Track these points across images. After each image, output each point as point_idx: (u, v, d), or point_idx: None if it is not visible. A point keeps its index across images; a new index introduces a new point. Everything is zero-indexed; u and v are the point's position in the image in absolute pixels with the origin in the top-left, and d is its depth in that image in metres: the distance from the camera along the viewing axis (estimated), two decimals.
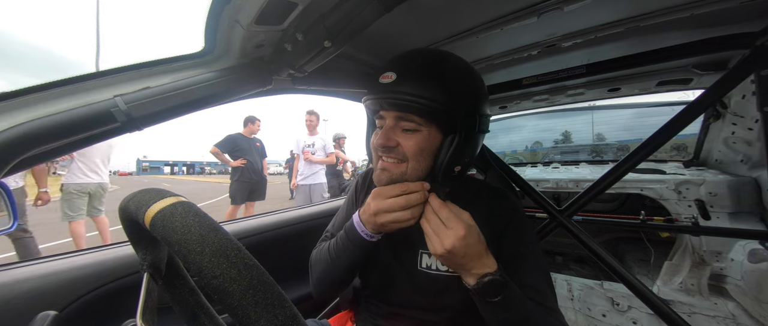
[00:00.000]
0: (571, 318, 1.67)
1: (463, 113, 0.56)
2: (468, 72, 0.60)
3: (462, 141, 0.57)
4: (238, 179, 3.85)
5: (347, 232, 0.64)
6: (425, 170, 0.59)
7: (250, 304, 0.25)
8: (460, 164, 0.61)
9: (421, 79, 0.55)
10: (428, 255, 0.67)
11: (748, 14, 0.77)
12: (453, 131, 0.57)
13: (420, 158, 0.58)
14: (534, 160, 2.99)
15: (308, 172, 3.86)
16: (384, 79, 0.57)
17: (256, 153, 4.00)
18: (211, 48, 0.64)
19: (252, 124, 3.99)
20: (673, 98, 2.14)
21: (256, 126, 4.03)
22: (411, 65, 0.58)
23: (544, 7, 0.70)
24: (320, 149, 3.90)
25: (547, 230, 1.26)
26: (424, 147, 0.58)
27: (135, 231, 0.40)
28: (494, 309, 0.54)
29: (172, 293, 0.46)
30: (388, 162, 0.60)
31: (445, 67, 0.57)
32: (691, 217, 1.39)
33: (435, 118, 0.57)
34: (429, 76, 0.55)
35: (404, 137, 0.59)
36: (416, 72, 0.56)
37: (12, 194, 0.61)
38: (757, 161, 1.33)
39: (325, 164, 4.03)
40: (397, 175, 0.59)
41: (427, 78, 0.55)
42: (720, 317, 1.38)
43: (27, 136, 0.48)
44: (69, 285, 0.70)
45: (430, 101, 0.53)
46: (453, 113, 0.55)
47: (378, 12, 0.54)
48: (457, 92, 0.56)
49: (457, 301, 0.65)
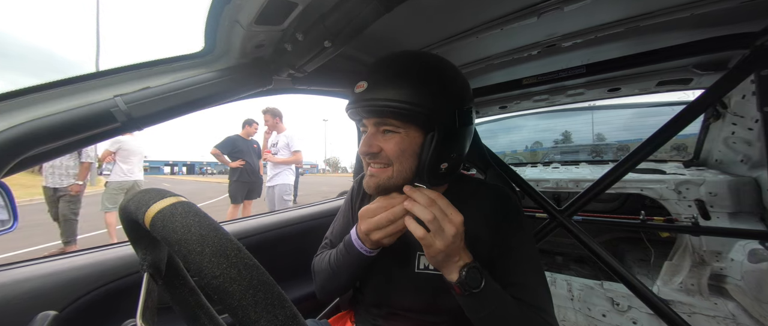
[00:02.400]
0: (571, 318, 1.67)
1: (438, 110, 0.56)
2: (441, 70, 0.60)
3: (442, 138, 0.57)
4: (236, 180, 3.91)
5: (346, 247, 0.65)
6: (410, 170, 0.60)
7: (250, 304, 0.25)
8: (447, 162, 0.60)
9: (390, 84, 0.56)
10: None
11: (748, 14, 0.77)
12: (433, 129, 0.57)
13: (403, 160, 0.59)
14: (534, 160, 2.99)
15: (272, 173, 3.59)
16: (358, 88, 0.58)
17: (254, 154, 4.07)
18: (211, 48, 0.64)
19: (249, 126, 4.08)
20: (673, 98, 2.14)
21: (254, 128, 4.11)
22: (381, 71, 0.58)
23: (544, 7, 0.70)
24: (284, 148, 3.54)
25: (547, 230, 1.26)
26: (405, 148, 0.58)
27: (135, 231, 0.40)
28: (476, 304, 0.55)
29: (172, 293, 0.46)
30: (375, 168, 0.62)
31: (415, 68, 0.58)
32: (691, 217, 1.39)
33: (411, 119, 0.57)
34: (398, 79, 0.56)
35: (384, 141, 0.60)
36: (386, 77, 0.57)
37: (12, 194, 0.61)
38: (757, 161, 1.33)
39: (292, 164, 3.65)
40: (384, 180, 0.60)
41: (397, 81, 0.56)
42: (720, 317, 1.38)
43: (27, 136, 0.48)
44: (69, 285, 0.70)
45: (402, 103, 0.54)
46: (428, 111, 0.55)
47: (378, 12, 0.54)
48: (429, 91, 0.56)
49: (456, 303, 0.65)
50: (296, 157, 3.58)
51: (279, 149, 3.54)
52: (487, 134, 3.20)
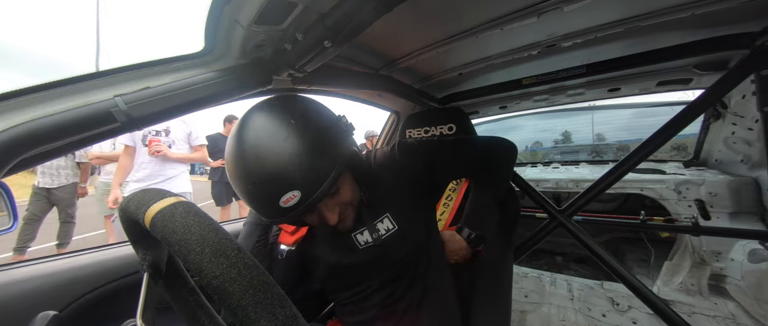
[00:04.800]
0: (571, 318, 1.67)
1: (332, 166, 0.58)
2: (316, 121, 0.61)
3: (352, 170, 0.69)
4: (219, 181, 3.64)
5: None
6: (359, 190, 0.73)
7: (250, 304, 0.25)
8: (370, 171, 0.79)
9: (316, 179, 0.56)
10: (361, 233, 0.74)
11: (748, 14, 0.77)
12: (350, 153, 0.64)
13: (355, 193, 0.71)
14: (534, 160, 2.99)
15: (155, 171, 2.24)
16: (286, 203, 0.55)
17: None
18: (211, 48, 0.64)
19: (230, 123, 3.71)
20: (673, 98, 2.14)
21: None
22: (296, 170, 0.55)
23: (544, 7, 0.70)
24: (181, 141, 2.35)
25: (547, 231, 1.26)
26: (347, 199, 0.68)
27: (135, 231, 0.40)
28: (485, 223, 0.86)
29: (172, 293, 0.46)
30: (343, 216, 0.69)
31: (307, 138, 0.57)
32: (691, 217, 1.39)
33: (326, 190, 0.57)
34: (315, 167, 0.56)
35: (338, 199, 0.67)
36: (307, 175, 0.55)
37: (12, 194, 0.61)
38: (757, 161, 1.33)
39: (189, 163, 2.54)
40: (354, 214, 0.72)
41: (316, 169, 0.56)
42: (720, 317, 1.38)
43: (27, 136, 0.47)
44: (69, 285, 0.70)
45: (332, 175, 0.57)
46: (326, 173, 0.57)
47: (378, 12, 0.54)
48: (312, 178, 0.55)
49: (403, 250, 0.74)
50: (199, 154, 2.50)
51: (173, 140, 2.30)
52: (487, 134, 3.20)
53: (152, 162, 2.22)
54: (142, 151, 2.22)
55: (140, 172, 2.22)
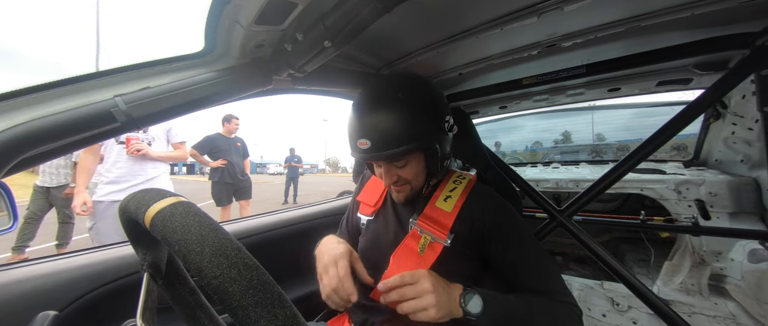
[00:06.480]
0: None
1: (430, 136, 0.67)
2: (423, 101, 0.67)
3: (439, 150, 0.69)
4: (218, 181, 3.65)
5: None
6: (423, 180, 0.74)
7: (250, 304, 0.25)
8: (447, 158, 0.76)
9: (389, 139, 0.64)
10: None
11: (748, 14, 0.77)
12: (431, 147, 0.68)
13: (416, 178, 0.73)
14: (534, 160, 2.99)
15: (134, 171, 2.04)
16: (362, 145, 0.66)
17: (237, 154, 3.76)
18: (211, 48, 0.64)
19: (228, 123, 3.71)
20: (673, 98, 2.14)
21: (234, 125, 3.74)
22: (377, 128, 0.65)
23: (544, 7, 0.70)
24: (159, 138, 2.21)
25: (547, 230, 1.26)
26: (417, 170, 0.72)
27: (135, 231, 0.40)
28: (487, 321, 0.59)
29: (172, 293, 0.46)
30: (398, 187, 0.75)
31: (403, 112, 0.65)
32: (691, 217, 1.39)
33: (412, 151, 0.67)
34: (393, 131, 0.64)
35: (399, 171, 0.72)
36: (383, 135, 0.64)
37: (12, 194, 0.61)
38: (757, 161, 1.33)
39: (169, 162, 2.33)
40: (408, 194, 0.75)
41: (393, 134, 0.64)
42: (720, 317, 1.38)
43: (27, 136, 0.48)
44: (69, 285, 0.70)
45: (403, 148, 0.64)
46: (423, 142, 0.66)
47: (378, 12, 0.54)
48: (420, 128, 0.65)
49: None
50: (180, 152, 2.36)
51: (153, 137, 2.16)
52: (487, 134, 3.20)
53: (129, 161, 2.02)
54: (116, 149, 2.01)
55: (114, 172, 2.00)
